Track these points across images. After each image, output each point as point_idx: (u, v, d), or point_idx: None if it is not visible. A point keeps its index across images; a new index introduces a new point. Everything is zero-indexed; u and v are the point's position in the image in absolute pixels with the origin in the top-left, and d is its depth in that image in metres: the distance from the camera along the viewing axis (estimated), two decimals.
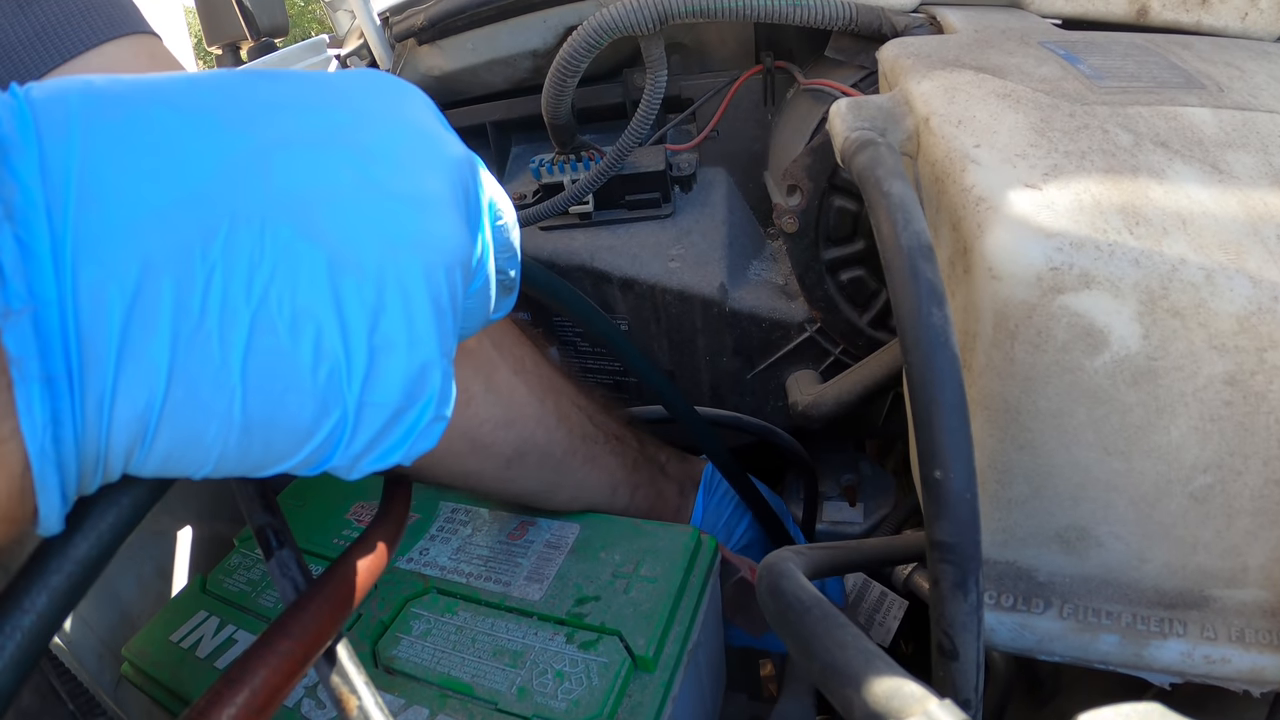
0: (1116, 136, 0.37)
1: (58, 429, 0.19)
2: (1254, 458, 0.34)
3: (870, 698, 0.24)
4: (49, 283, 0.18)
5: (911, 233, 0.32)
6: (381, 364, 0.23)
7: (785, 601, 0.31)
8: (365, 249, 0.23)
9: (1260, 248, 0.33)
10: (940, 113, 0.39)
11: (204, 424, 0.21)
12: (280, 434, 0.22)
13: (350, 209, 0.23)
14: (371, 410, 0.23)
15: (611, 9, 0.61)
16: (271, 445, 0.22)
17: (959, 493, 0.29)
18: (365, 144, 0.24)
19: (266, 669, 0.26)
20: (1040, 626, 0.37)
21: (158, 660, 0.47)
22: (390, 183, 0.24)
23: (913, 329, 0.30)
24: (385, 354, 0.23)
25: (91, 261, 0.19)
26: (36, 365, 0.18)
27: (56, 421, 0.19)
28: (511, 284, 0.35)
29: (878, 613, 0.60)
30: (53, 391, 0.18)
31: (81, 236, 0.19)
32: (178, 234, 0.20)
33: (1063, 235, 0.32)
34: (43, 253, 0.18)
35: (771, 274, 0.74)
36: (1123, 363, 0.33)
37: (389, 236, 0.23)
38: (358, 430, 0.23)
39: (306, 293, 0.21)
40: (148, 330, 0.19)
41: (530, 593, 0.47)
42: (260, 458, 0.22)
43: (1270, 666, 0.37)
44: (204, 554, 0.64)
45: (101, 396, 0.19)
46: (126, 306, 0.19)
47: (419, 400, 0.24)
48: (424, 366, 0.24)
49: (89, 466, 0.20)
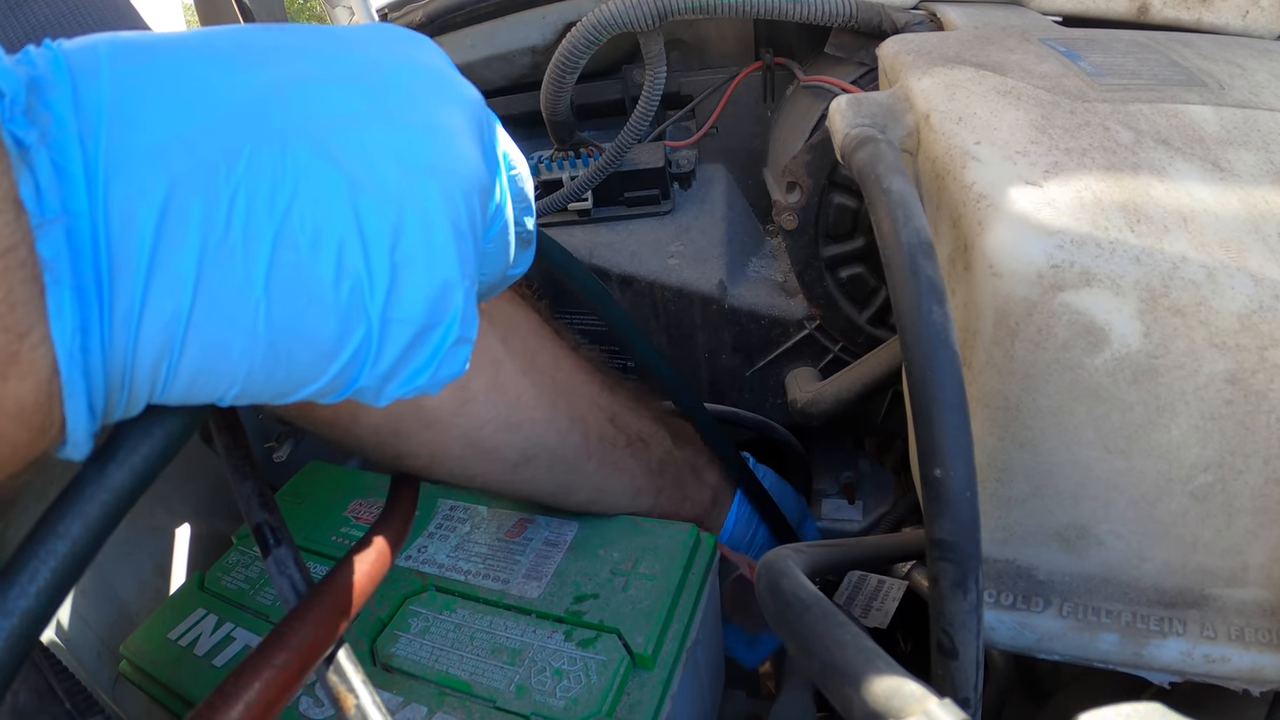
0: (1117, 134, 0.37)
1: (86, 337, 0.19)
2: (1255, 456, 0.34)
3: (870, 697, 0.24)
4: (81, 197, 0.19)
5: (912, 229, 0.32)
6: (403, 280, 0.24)
7: (784, 600, 0.31)
8: (383, 171, 0.23)
9: (1261, 246, 0.33)
10: (941, 109, 0.39)
11: (230, 337, 0.21)
12: (305, 350, 0.23)
13: (367, 135, 0.24)
14: (395, 326, 0.24)
15: (610, 5, 0.60)
16: (297, 363, 0.23)
17: (959, 491, 0.29)
18: (380, 80, 0.25)
19: (263, 682, 0.26)
20: (1040, 625, 0.37)
21: (156, 658, 0.47)
22: (406, 113, 0.25)
23: (913, 326, 0.30)
24: (406, 270, 0.24)
25: (121, 180, 0.20)
26: (69, 271, 0.19)
27: (85, 329, 0.19)
28: (529, 237, 0.35)
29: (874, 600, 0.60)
30: (82, 299, 0.19)
31: (112, 159, 0.20)
32: (203, 156, 0.21)
33: (1064, 233, 0.32)
34: (76, 173, 0.19)
35: (771, 271, 0.74)
36: (1123, 361, 0.33)
37: (406, 161, 0.24)
38: (383, 347, 0.24)
39: (327, 210, 0.22)
40: (175, 244, 0.20)
41: (529, 590, 0.47)
42: (286, 378, 0.23)
43: (1270, 666, 0.37)
44: (202, 551, 0.64)
45: (130, 306, 0.20)
46: (156, 220, 0.20)
47: (442, 318, 0.25)
48: (445, 284, 0.25)
49: (116, 380, 0.21)
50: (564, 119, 0.71)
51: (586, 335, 0.79)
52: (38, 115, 0.19)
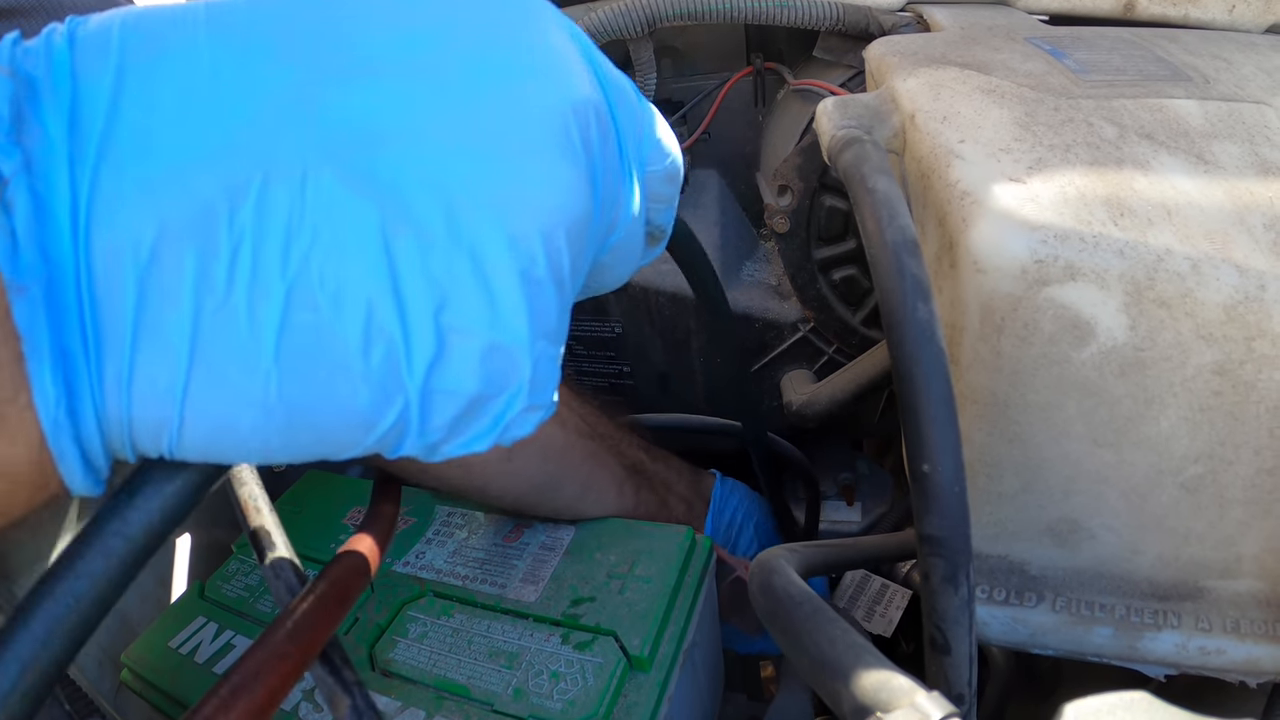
0: (1101, 129, 0.38)
1: (74, 401, 0.17)
2: (1245, 447, 0.34)
3: (858, 691, 0.24)
4: (65, 242, 0.17)
5: (896, 228, 0.32)
6: (452, 347, 0.19)
7: (775, 597, 0.31)
8: (431, 207, 0.19)
9: (1246, 237, 0.33)
10: (925, 109, 0.40)
11: (237, 411, 0.18)
12: (332, 423, 0.19)
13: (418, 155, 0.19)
14: (441, 399, 0.20)
15: (600, 13, 0.61)
16: (325, 435, 0.20)
17: (947, 486, 0.29)
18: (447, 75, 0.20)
19: (264, 672, 0.26)
20: (1033, 620, 0.37)
21: (157, 666, 0.47)
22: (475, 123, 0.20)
23: (899, 324, 0.30)
24: (456, 336, 0.19)
25: (107, 224, 0.17)
26: (46, 339, 0.17)
27: (72, 394, 0.17)
28: (661, 234, 0.31)
29: (879, 604, 0.60)
30: (67, 365, 0.17)
31: (99, 194, 0.17)
32: (202, 194, 0.17)
33: (1047, 228, 0.32)
34: (60, 211, 0.17)
35: (765, 274, 0.74)
36: (1110, 354, 0.33)
37: (467, 191, 0.19)
38: (427, 420, 0.20)
39: (355, 261, 0.18)
40: (164, 304, 0.17)
41: (526, 594, 0.47)
42: (315, 447, 0.20)
43: (1266, 657, 0.37)
44: (203, 561, 0.64)
45: (119, 374, 0.17)
46: (140, 277, 0.17)
47: (505, 389, 0.21)
48: (508, 351, 0.20)
49: (116, 445, 0.18)
50: None
51: (583, 342, 0.79)
52: (28, 128, 0.17)
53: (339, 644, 0.29)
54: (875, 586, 0.64)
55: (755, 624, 0.59)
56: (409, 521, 0.55)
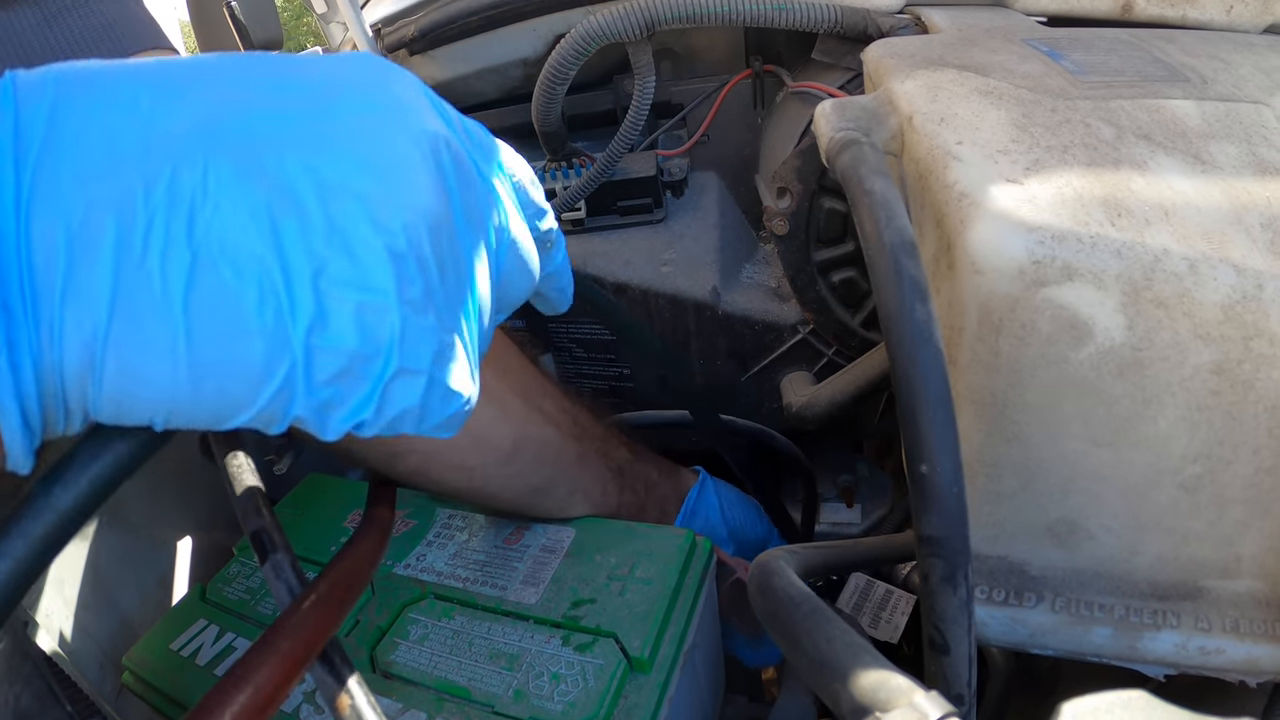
0: (1099, 130, 0.38)
1: (13, 353, 0.20)
2: (1243, 446, 0.34)
3: (856, 690, 0.24)
4: (9, 221, 0.20)
5: (894, 229, 0.32)
6: (330, 308, 0.23)
7: (775, 598, 0.31)
8: (310, 194, 0.23)
9: (1244, 236, 0.33)
10: (923, 111, 0.40)
11: (149, 358, 0.22)
12: (233, 376, 0.23)
13: (298, 158, 0.23)
14: (322, 355, 0.23)
15: (598, 16, 0.61)
16: (225, 389, 0.23)
17: (945, 486, 0.30)
18: (328, 108, 0.25)
19: (266, 669, 0.26)
20: (1032, 620, 0.37)
21: (158, 668, 0.48)
22: (346, 140, 0.25)
23: (897, 325, 0.30)
24: (332, 298, 0.23)
25: (45, 204, 0.21)
26: None
27: (12, 345, 0.20)
28: (548, 238, 0.36)
29: (883, 610, 0.60)
30: (9, 317, 0.20)
31: (40, 184, 0.21)
32: (123, 180, 0.21)
33: (1044, 228, 0.32)
34: (6, 198, 0.20)
35: (764, 277, 0.74)
36: (1108, 354, 0.33)
37: (337, 185, 0.24)
38: (311, 375, 0.24)
39: (250, 233, 0.22)
40: (90, 263, 0.21)
41: (526, 596, 0.47)
42: (216, 403, 0.23)
43: (1266, 656, 0.37)
44: (204, 564, 0.64)
45: (51, 324, 0.21)
46: (69, 241, 0.21)
47: (379, 348, 0.24)
48: (377, 308, 0.24)
49: (50, 398, 0.21)
50: (555, 130, 0.71)
51: (581, 344, 0.79)
52: None
53: (339, 644, 0.30)
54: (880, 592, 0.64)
55: (754, 625, 0.59)
56: (409, 524, 0.55)
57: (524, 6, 0.74)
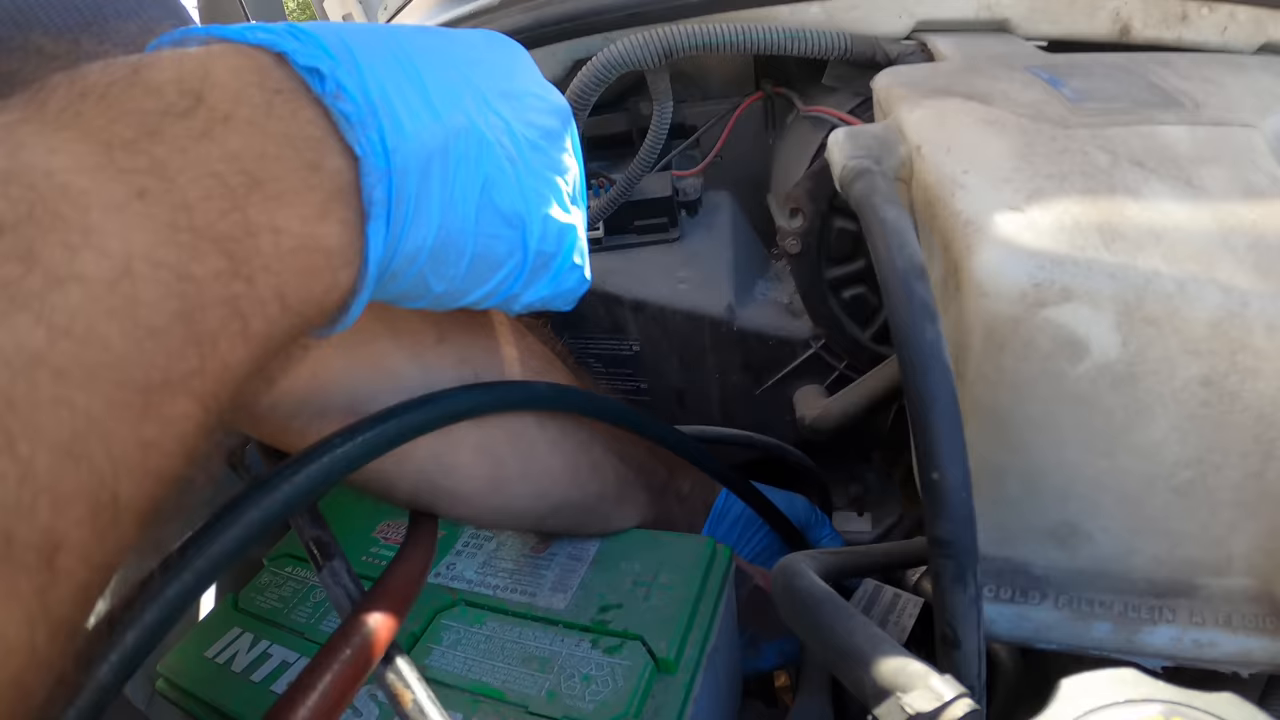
0: (1095, 158, 0.40)
1: (382, 251, 0.28)
2: (1232, 453, 0.36)
3: (879, 676, 0.27)
4: (383, 162, 0.28)
5: (905, 255, 0.35)
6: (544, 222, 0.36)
7: (799, 597, 0.34)
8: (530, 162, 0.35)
9: (1230, 257, 0.35)
10: (931, 140, 0.42)
11: (448, 259, 0.32)
12: (491, 255, 0.34)
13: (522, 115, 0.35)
14: (537, 256, 0.36)
15: (619, 45, 0.64)
16: (481, 265, 0.34)
17: (955, 492, 0.32)
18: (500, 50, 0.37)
19: (332, 674, 0.28)
20: (1037, 616, 0.39)
21: (194, 675, 0.49)
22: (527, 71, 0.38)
23: (908, 345, 0.33)
24: (547, 220, 0.36)
25: (400, 159, 0.28)
26: (384, 213, 0.28)
27: (384, 243, 0.28)
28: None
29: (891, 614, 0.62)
30: (388, 226, 0.28)
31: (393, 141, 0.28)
32: (438, 139, 0.30)
33: (1044, 254, 0.35)
34: (377, 147, 0.28)
35: (777, 293, 0.76)
36: (1104, 369, 0.35)
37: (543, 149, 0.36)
38: (525, 267, 0.36)
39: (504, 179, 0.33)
40: (427, 197, 0.30)
41: (555, 602, 0.50)
42: (475, 275, 0.34)
43: (1258, 648, 0.39)
44: (232, 577, 0.66)
45: (402, 227, 0.29)
46: (417, 183, 0.29)
47: (562, 249, 0.38)
48: (567, 229, 0.37)
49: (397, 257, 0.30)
50: None
51: (601, 360, 0.82)
52: (346, 95, 0.27)
53: (399, 646, 0.32)
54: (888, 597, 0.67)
55: (774, 629, 0.61)
56: (439, 534, 0.57)
57: (545, 32, 0.77)
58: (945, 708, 0.25)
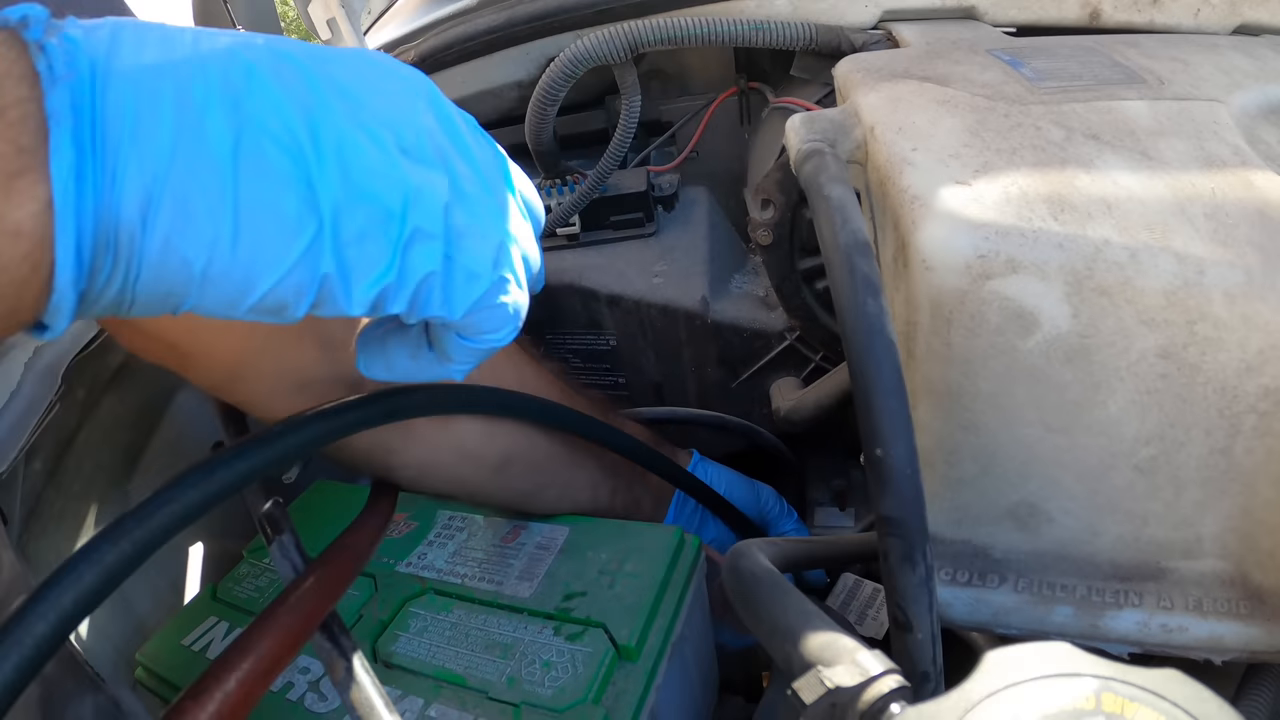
0: (1048, 132, 0.40)
1: (80, 182, 0.22)
2: (1195, 428, 0.35)
3: (805, 650, 0.26)
4: (85, 73, 0.22)
5: (848, 231, 0.34)
6: (352, 167, 0.26)
7: (742, 578, 0.33)
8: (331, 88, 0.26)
9: (1187, 226, 0.35)
10: (883, 121, 0.42)
11: (201, 200, 0.24)
12: (269, 230, 0.25)
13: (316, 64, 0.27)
14: (345, 213, 0.26)
15: (585, 41, 0.64)
16: (262, 241, 0.25)
17: (900, 469, 0.31)
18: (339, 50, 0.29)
19: (269, 638, 0.28)
20: (995, 600, 0.39)
21: (170, 663, 0.50)
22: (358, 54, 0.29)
23: (850, 318, 0.32)
24: (354, 165, 0.26)
25: (116, 76, 0.23)
26: (70, 121, 0.22)
27: (79, 175, 0.22)
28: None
29: (870, 608, 0.61)
30: (78, 147, 0.22)
31: (110, 66, 0.23)
32: (181, 70, 0.24)
33: (989, 225, 0.34)
34: (83, 65, 0.23)
35: (753, 286, 0.76)
36: (1055, 342, 0.35)
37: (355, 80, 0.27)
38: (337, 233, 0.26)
39: (287, 108, 0.25)
40: (154, 120, 0.23)
41: (521, 590, 0.49)
42: (252, 258, 0.25)
43: (1230, 634, 0.38)
44: (215, 568, 0.67)
45: (116, 161, 0.23)
46: (135, 102, 0.23)
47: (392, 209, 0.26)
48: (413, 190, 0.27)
49: (104, 239, 0.23)
50: (548, 149, 0.74)
51: (579, 355, 0.82)
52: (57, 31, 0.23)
53: (338, 617, 0.32)
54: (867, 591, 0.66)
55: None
56: (412, 525, 0.57)
57: (517, 31, 0.77)
58: (870, 683, 0.25)
